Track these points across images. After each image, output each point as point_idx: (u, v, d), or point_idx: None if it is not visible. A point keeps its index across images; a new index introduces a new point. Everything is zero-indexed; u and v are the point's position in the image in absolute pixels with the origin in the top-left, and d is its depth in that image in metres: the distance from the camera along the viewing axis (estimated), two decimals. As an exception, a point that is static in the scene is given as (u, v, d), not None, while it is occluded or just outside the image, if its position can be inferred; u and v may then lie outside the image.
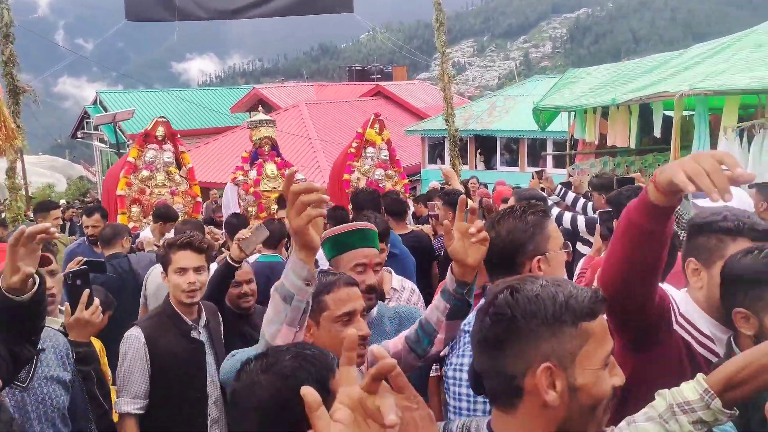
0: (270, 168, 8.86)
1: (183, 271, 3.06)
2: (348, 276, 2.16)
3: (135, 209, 8.23)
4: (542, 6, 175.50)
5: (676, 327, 2.12)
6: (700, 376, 1.57)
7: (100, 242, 5.17)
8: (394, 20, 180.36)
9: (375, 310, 2.62)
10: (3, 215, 17.55)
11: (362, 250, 2.55)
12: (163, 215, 6.29)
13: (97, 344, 3.32)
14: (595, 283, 2.39)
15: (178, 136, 9.11)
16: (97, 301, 2.71)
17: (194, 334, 3.12)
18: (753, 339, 1.82)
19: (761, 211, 4.82)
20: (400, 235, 4.83)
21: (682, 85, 7.03)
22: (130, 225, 7.60)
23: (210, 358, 3.13)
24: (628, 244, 1.77)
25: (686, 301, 2.19)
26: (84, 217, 6.01)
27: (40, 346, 2.23)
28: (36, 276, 1.90)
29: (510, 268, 2.13)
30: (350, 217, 6.56)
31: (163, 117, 8.86)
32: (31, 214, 7.57)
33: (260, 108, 27.75)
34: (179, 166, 8.87)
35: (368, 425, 0.94)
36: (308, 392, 0.91)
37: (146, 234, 6.58)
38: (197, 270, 3.10)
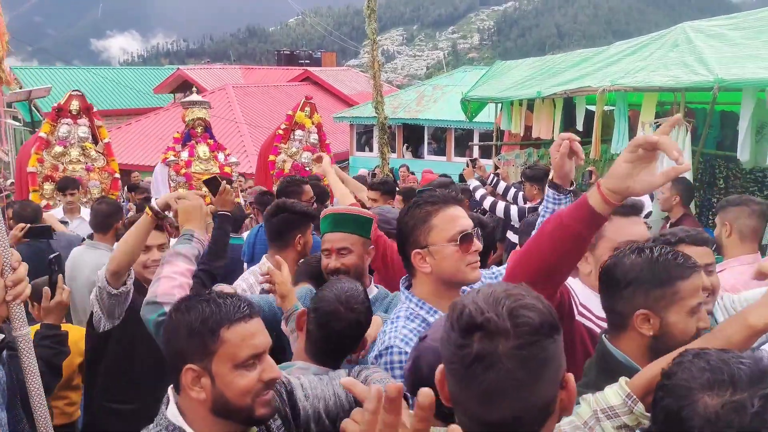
0: (202, 149, 8.66)
1: (147, 248, 3.08)
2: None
3: (48, 186, 7.86)
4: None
5: (578, 318, 2.18)
6: (622, 380, 1.60)
7: (19, 221, 4.92)
8: (323, 5, 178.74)
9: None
10: None
11: (330, 235, 2.73)
12: (67, 184, 6.57)
13: (79, 332, 3.23)
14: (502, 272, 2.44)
15: (95, 109, 8.73)
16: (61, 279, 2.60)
17: None
18: (651, 340, 1.79)
19: (673, 204, 5.06)
20: None
21: (603, 80, 7.27)
22: (43, 203, 7.27)
23: None
24: (556, 243, 1.75)
25: (582, 289, 2.27)
26: None
27: None
28: None
29: (407, 260, 2.15)
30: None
31: (77, 90, 8.48)
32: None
33: (175, 96, 27.05)
34: (95, 141, 8.51)
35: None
36: None
37: (58, 212, 6.37)
38: (160, 247, 3.16)
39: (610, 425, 1.55)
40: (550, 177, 2.30)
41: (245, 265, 4.31)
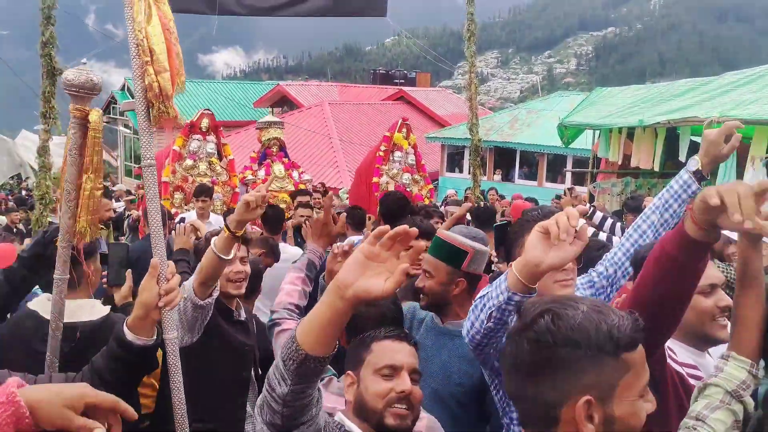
0: (278, 168, 9.05)
1: (230, 261, 3.05)
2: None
3: (178, 196, 8.48)
4: (569, 22, 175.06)
5: (669, 360, 2.10)
6: (732, 354, 1.66)
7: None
8: (419, 26, 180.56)
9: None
10: (22, 193, 17.62)
11: (426, 255, 2.74)
12: (202, 191, 7.11)
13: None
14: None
15: (221, 128, 9.29)
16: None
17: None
18: None
19: None
20: None
21: (712, 111, 7.02)
22: (173, 210, 7.79)
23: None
24: (658, 274, 1.70)
25: None
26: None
27: None
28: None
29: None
30: (369, 218, 6.66)
31: (208, 109, 9.10)
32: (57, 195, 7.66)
33: (272, 110, 27.93)
34: (220, 157, 9.05)
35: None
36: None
37: (191, 215, 6.80)
38: (243, 260, 3.17)
39: (747, 397, 1.63)
40: (697, 162, 2.29)
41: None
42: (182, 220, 5.83)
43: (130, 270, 3.33)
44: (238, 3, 7.32)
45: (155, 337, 1.97)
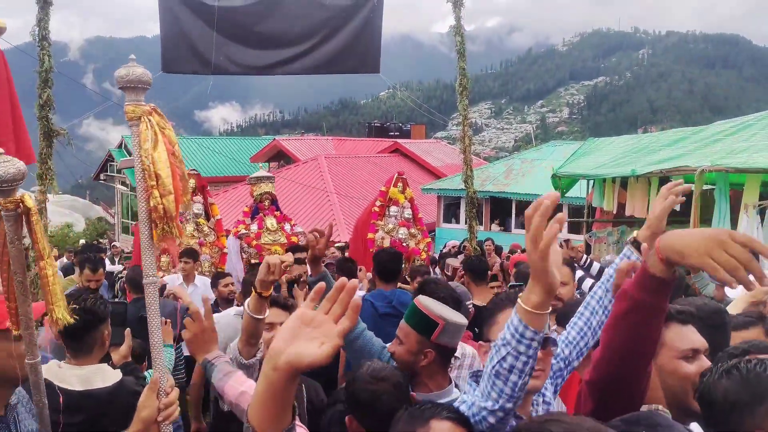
0: (270, 222, 9.07)
1: (271, 326, 3.15)
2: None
3: (164, 259, 8.34)
4: (561, 73, 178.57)
5: None
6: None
7: (131, 286, 5.21)
8: (413, 79, 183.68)
9: None
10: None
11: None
12: (185, 252, 7.08)
13: None
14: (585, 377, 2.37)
15: (208, 188, 9.28)
16: None
17: None
18: None
19: None
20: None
21: (703, 160, 7.10)
22: (160, 274, 7.70)
23: None
24: (631, 325, 1.73)
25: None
26: (87, 272, 5.85)
27: (16, 401, 2.21)
28: None
29: None
30: (360, 269, 6.63)
31: (194, 169, 9.06)
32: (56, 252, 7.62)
33: (269, 165, 28.15)
34: (207, 218, 9.03)
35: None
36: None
37: (174, 279, 6.71)
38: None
39: None
40: (634, 235, 2.34)
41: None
42: (164, 286, 5.81)
43: (128, 330, 3.32)
44: (233, 62, 7.49)
45: None
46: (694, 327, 2.09)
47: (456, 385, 2.71)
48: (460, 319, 2.66)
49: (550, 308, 1.64)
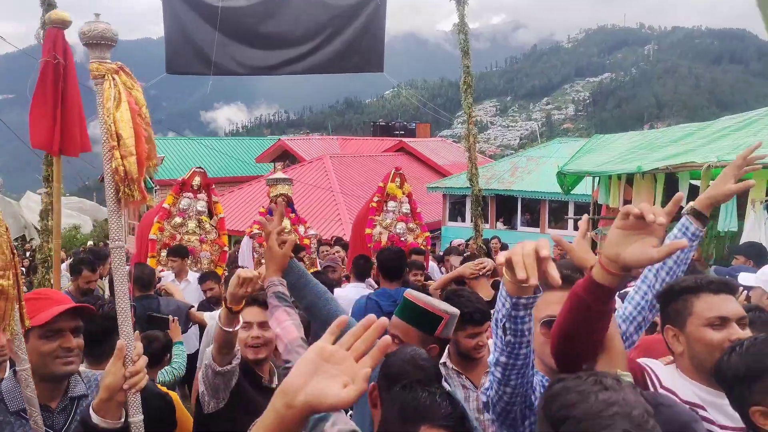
0: (285, 223, 9.06)
1: (248, 325, 3.05)
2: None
3: (164, 253, 8.37)
4: (566, 69, 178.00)
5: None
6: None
7: (138, 284, 5.22)
8: (418, 77, 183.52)
9: None
10: (28, 256, 17.69)
11: (395, 319, 2.67)
12: (172, 250, 7.24)
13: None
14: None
15: (213, 186, 9.31)
16: None
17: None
18: None
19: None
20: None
21: (709, 156, 7.07)
22: (158, 269, 7.73)
23: None
24: (569, 314, 1.81)
25: (670, 373, 2.18)
26: (87, 273, 5.85)
27: (84, 392, 2.31)
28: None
29: None
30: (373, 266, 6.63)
31: (200, 167, 9.09)
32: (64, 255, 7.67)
33: (275, 165, 28.21)
34: (211, 215, 9.05)
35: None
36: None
37: (168, 276, 6.72)
38: (261, 325, 3.06)
39: None
40: (692, 205, 2.32)
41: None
42: (158, 280, 5.82)
43: (137, 332, 3.32)
44: (237, 62, 7.50)
45: (122, 420, 1.98)
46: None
47: None
48: (456, 310, 2.68)
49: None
